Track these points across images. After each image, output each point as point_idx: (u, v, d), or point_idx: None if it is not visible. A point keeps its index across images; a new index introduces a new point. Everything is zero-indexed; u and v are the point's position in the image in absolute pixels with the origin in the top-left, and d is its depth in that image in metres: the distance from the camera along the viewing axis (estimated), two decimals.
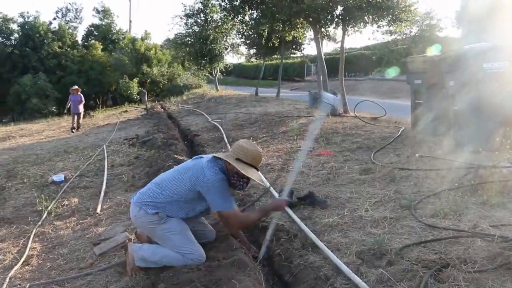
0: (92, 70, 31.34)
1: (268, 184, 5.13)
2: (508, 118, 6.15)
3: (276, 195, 4.87)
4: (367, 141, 7.88)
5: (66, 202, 5.83)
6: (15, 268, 3.86)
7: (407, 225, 3.97)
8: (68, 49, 32.33)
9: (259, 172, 3.78)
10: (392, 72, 8.20)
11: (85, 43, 35.20)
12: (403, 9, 11.50)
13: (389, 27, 12.97)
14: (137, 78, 30.53)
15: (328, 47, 33.56)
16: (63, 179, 7.07)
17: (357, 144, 7.72)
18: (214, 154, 3.59)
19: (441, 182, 5.17)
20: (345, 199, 4.86)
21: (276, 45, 18.00)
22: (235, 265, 3.18)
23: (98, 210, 5.35)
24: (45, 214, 5.32)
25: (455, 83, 6.76)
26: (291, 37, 15.63)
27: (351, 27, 12.69)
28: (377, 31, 13.35)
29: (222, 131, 10.39)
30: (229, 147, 8.43)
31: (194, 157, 3.72)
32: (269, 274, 3.62)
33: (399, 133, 8.29)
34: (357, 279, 2.97)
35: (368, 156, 6.76)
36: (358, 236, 3.82)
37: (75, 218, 5.18)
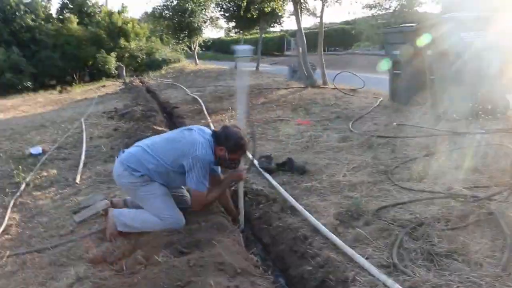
0: (68, 44, 30.48)
1: (256, 162, 5.06)
2: (482, 86, 6.27)
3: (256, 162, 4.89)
4: (346, 111, 7.96)
5: (45, 174, 5.76)
6: None
7: (384, 188, 4.06)
8: (42, 22, 31.26)
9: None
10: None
11: (60, 17, 34.09)
12: None
13: None
14: (115, 53, 29.92)
15: (308, 21, 33.66)
16: (40, 151, 6.97)
17: (336, 114, 7.78)
18: (204, 128, 3.57)
19: (418, 148, 5.27)
20: (323, 165, 4.92)
21: (255, 17, 17.80)
22: (215, 228, 3.22)
23: (78, 180, 5.30)
24: (23, 185, 5.24)
25: (433, 52, 6.84)
26: (269, 9, 15.48)
27: None
28: (356, 2, 13.33)
29: (202, 103, 10.34)
30: (208, 118, 8.41)
31: (183, 128, 3.68)
32: (248, 236, 3.68)
33: (378, 103, 8.38)
34: (334, 238, 3.04)
35: (346, 125, 6.83)
36: (336, 200, 3.89)
37: (54, 189, 5.14)
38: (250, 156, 4.49)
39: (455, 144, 5.08)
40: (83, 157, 6.35)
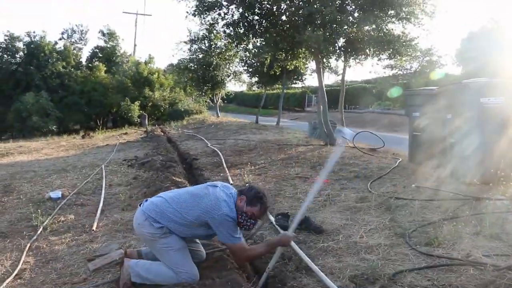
0: (95, 91, 31.50)
1: (273, 219, 5.08)
2: (502, 151, 6.23)
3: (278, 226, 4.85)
4: (365, 170, 7.94)
5: (62, 219, 5.82)
6: (7, 281, 3.83)
7: (401, 252, 3.99)
8: (72, 69, 32.57)
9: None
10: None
11: (89, 65, 35.49)
12: (404, 43, 11.68)
13: (389, 60, 13.16)
14: (139, 101, 30.71)
15: (329, 79, 34.31)
16: (60, 195, 7.07)
17: (355, 173, 7.77)
18: (229, 186, 3.65)
19: (436, 212, 5.21)
20: (340, 226, 4.88)
21: (278, 74, 18.18)
22: (229, 285, 3.19)
23: (94, 227, 5.34)
24: (40, 229, 5.30)
25: (453, 116, 6.88)
26: (292, 67, 15.80)
27: (352, 59, 12.88)
28: (378, 64, 13.59)
29: (221, 156, 10.44)
30: (227, 171, 8.47)
31: (208, 184, 3.72)
32: None
33: (397, 164, 8.35)
34: None
35: (365, 185, 6.80)
36: (352, 261, 3.84)
37: (71, 234, 5.18)
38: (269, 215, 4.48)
39: (474, 209, 5.01)
40: (101, 204, 6.42)
